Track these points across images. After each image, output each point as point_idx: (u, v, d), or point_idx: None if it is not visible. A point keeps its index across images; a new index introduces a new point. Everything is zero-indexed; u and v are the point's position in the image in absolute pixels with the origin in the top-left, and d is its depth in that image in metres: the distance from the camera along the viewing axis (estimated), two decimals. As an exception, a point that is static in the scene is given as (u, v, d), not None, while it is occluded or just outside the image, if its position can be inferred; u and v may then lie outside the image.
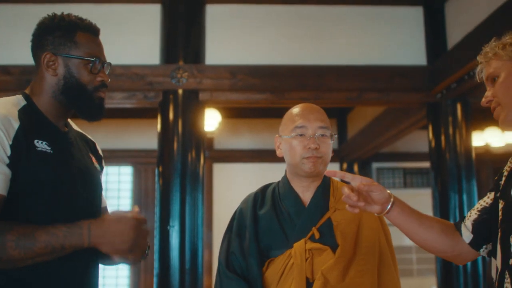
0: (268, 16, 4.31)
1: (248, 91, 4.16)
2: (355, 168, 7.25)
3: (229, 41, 4.26)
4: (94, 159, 1.69)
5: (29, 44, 1.63)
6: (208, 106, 4.35)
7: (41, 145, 1.48)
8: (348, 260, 1.63)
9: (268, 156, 7.03)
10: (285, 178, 1.81)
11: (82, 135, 1.74)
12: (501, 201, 1.37)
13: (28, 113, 1.51)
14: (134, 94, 4.09)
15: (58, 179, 1.50)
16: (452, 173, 4.15)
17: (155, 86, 4.07)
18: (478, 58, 1.45)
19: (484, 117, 4.66)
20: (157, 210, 4.02)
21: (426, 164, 7.32)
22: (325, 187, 1.76)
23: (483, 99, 1.43)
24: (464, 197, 4.10)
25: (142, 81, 4.03)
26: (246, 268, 1.69)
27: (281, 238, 1.70)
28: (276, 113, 6.77)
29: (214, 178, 6.98)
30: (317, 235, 1.66)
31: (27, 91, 1.60)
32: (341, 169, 7.21)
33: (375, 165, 7.42)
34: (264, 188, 1.87)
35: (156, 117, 4.15)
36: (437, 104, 4.25)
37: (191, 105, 4.08)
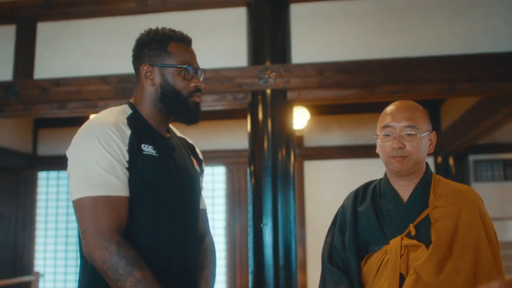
0: (352, 11, 4.27)
1: (336, 87, 4.15)
2: (451, 161, 7.00)
3: (314, 39, 4.28)
4: (195, 162, 1.79)
5: (125, 54, 1.76)
6: (296, 104, 4.39)
7: (148, 149, 1.60)
8: (442, 258, 1.59)
9: (359, 151, 6.97)
10: (385, 176, 1.83)
11: (183, 139, 1.85)
12: None
13: (134, 121, 1.64)
14: (224, 96, 4.21)
15: (163, 181, 1.60)
16: (556, 163, 3.91)
17: (243, 87, 4.17)
18: None
19: None
20: (250, 208, 4.11)
21: (528, 155, 6.95)
22: (425, 184, 1.74)
23: None
24: None
25: (231, 83, 4.14)
26: (347, 262, 1.73)
27: (378, 234, 1.72)
28: (366, 108, 6.70)
29: (305, 175, 7.01)
30: (413, 232, 1.65)
31: (131, 100, 1.72)
32: (436, 163, 6.99)
33: (472, 158, 7.11)
34: (366, 185, 1.90)
35: (245, 118, 4.25)
36: (536, 91, 4.03)
37: (279, 104, 4.14)
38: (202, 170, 1.84)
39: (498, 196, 6.49)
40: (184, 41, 1.72)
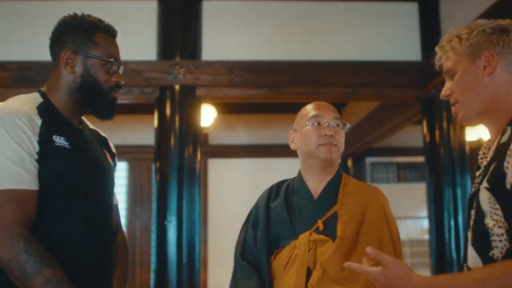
0: (265, 12, 4.33)
1: (245, 86, 4.18)
2: (349, 163, 7.30)
3: (226, 37, 4.28)
4: (108, 156, 1.73)
5: (27, 40, 1.65)
6: (205, 101, 4.37)
7: (60, 140, 1.52)
8: (347, 253, 1.67)
9: (263, 151, 7.08)
10: (299, 173, 1.88)
11: (95, 132, 1.78)
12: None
13: (45, 110, 1.55)
14: (131, 90, 4.10)
15: (75, 175, 1.54)
16: (446, 167, 4.20)
17: (152, 82, 4.09)
18: (436, 49, 1.43)
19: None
20: (154, 205, 4.04)
21: (419, 159, 7.39)
22: (336, 181, 1.81)
23: (442, 93, 1.42)
24: (458, 191, 4.15)
25: (139, 77, 4.04)
26: (258, 258, 1.75)
27: (289, 229, 1.77)
28: (271, 108, 6.80)
29: (209, 173, 7.00)
30: (321, 227, 1.72)
31: (43, 89, 1.63)
32: (335, 164, 7.24)
33: (368, 160, 7.47)
34: (280, 183, 1.94)
35: (151, 113, 4.17)
36: (431, 99, 4.29)
37: (188, 100, 4.11)
38: (115, 164, 1.78)
39: (392, 197, 6.80)
40: (111, 33, 1.67)
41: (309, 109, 1.86)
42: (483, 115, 1.35)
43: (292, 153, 6.92)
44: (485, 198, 1.24)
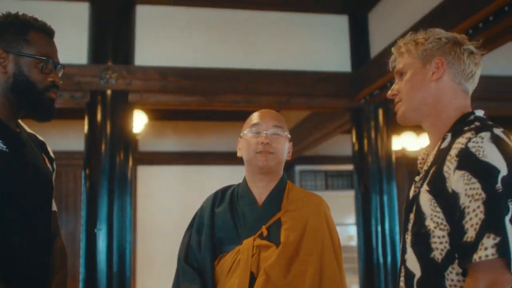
0: (199, 19, 4.33)
1: (179, 93, 4.16)
2: (279, 170, 7.39)
3: (159, 42, 4.24)
4: (46, 160, 1.66)
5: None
6: (137, 107, 4.31)
7: None
8: (290, 259, 1.70)
9: (193, 158, 7.04)
10: (244, 179, 1.89)
11: (33, 135, 1.70)
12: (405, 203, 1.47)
13: None
14: (60, 94, 3.96)
15: (13, 179, 1.47)
16: (374, 175, 4.35)
17: (82, 86, 3.98)
18: (392, 49, 1.51)
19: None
20: (83, 213, 3.93)
21: (346, 167, 7.61)
22: (280, 189, 1.83)
23: (389, 92, 1.49)
24: (385, 198, 4.32)
25: (69, 81, 3.91)
26: (202, 262, 1.76)
27: (233, 234, 1.78)
28: (202, 115, 6.79)
29: (138, 180, 6.88)
30: (265, 233, 1.74)
31: None
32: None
33: (298, 168, 7.61)
34: (225, 188, 1.94)
35: (80, 118, 4.06)
36: (360, 109, 4.45)
37: (120, 106, 4.03)
38: (53, 169, 1.72)
39: (320, 204, 7.00)
40: (46, 32, 1.61)
41: (253, 117, 1.88)
42: (424, 118, 1.42)
43: (223, 161, 6.94)
44: (425, 201, 1.30)
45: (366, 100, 4.35)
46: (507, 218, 1.14)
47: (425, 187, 1.31)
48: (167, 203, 6.80)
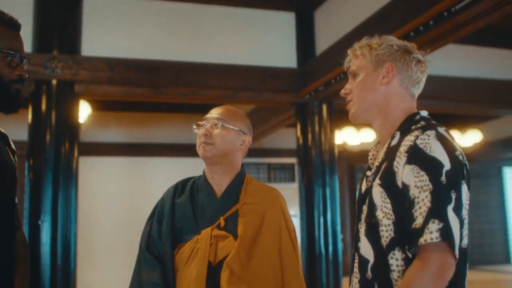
0: (148, 11, 4.32)
1: (126, 84, 4.14)
2: (223, 163, 7.44)
3: (107, 33, 4.20)
4: (9, 153, 1.66)
5: None
6: (84, 98, 4.26)
7: None
8: (248, 250, 1.78)
9: (136, 150, 6.99)
10: (203, 172, 1.95)
11: None
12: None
13: None
14: (3, 82, 3.88)
15: None
16: (317, 168, 4.49)
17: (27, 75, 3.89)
18: (348, 51, 1.61)
19: (342, 117, 5.09)
20: (26, 204, 3.87)
21: (289, 160, 7.77)
22: (238, 181, 1.90)
23: (342, 90, 1.61)
24: (327, 190, 4.47)
25: (13, 69, 3.83)
26: (162, 250, 1.82)
27: (192, 224, 1.85)
28: (146, 106, 6.75)
29: (80, 171, 6.76)
30: (222, 224, 1.81)
31: None
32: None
33: (241, 161, 7.68)
34: (186, 180, 2.00)
35: (24, 108, 3.96)
36: (305, 104, 4.57)
37: (65, 96, 3.98)
38: (15, 161, 1.72)
39: (263, 196, 7.13)
40: (13, 26, 1.61)
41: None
42: (374, 118, 1.54)
43: (166, 153, 6.91)
44: (377, 193, 1.42)
45: (311, 96, 4.47)
46: (449, 207, 1.27)
47: (377, 181, 1.43)
48: (109, 194, 6.73)
